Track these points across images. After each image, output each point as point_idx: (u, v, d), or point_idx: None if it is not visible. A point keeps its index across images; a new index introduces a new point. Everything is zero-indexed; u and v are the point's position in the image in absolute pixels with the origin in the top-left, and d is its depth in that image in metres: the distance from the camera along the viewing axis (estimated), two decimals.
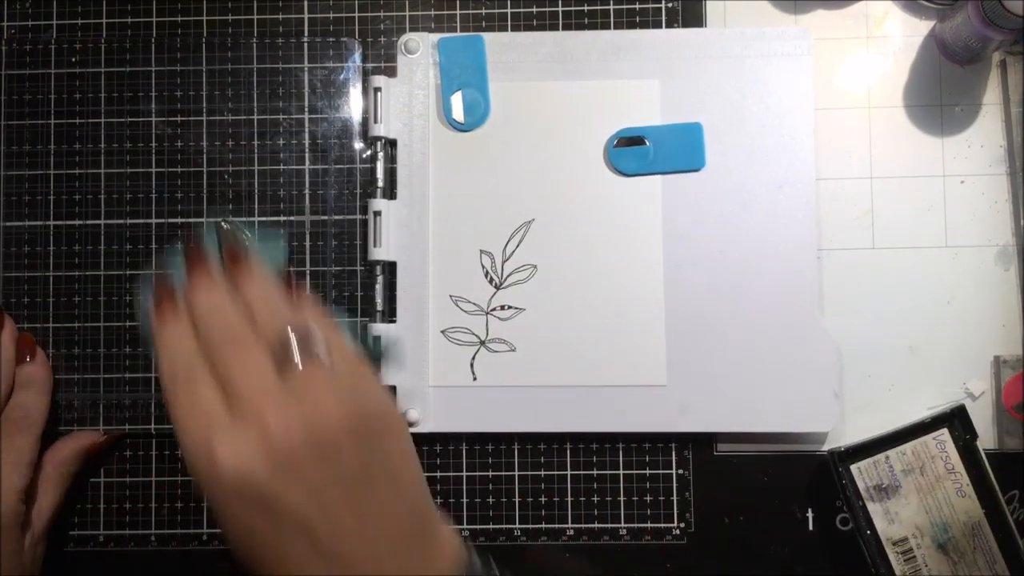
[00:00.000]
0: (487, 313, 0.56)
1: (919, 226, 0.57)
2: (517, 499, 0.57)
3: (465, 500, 0.57)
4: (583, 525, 0.56)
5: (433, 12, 0.59)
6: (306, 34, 0.58)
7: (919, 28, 0.58)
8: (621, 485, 0.56)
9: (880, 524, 0.53)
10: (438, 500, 0.57)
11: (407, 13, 0.59)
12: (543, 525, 0.56)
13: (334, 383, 0.42)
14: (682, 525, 0.56)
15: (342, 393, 0.42)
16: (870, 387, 0.56)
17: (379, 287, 0.56)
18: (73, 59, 0.58)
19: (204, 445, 0.40)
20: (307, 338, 0.43)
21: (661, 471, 0.56)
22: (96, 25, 0.59)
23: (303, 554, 0.39)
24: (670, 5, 0.58)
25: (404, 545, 0.41)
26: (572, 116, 0.56)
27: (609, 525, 0.56)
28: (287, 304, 0.44)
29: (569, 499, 0.57)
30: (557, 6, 0.58)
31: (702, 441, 0.56)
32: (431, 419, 0.56)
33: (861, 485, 0.53)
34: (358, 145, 0.58)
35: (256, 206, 0.58)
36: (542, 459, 0.57)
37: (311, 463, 0.40)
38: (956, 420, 0.53)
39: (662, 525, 0.56)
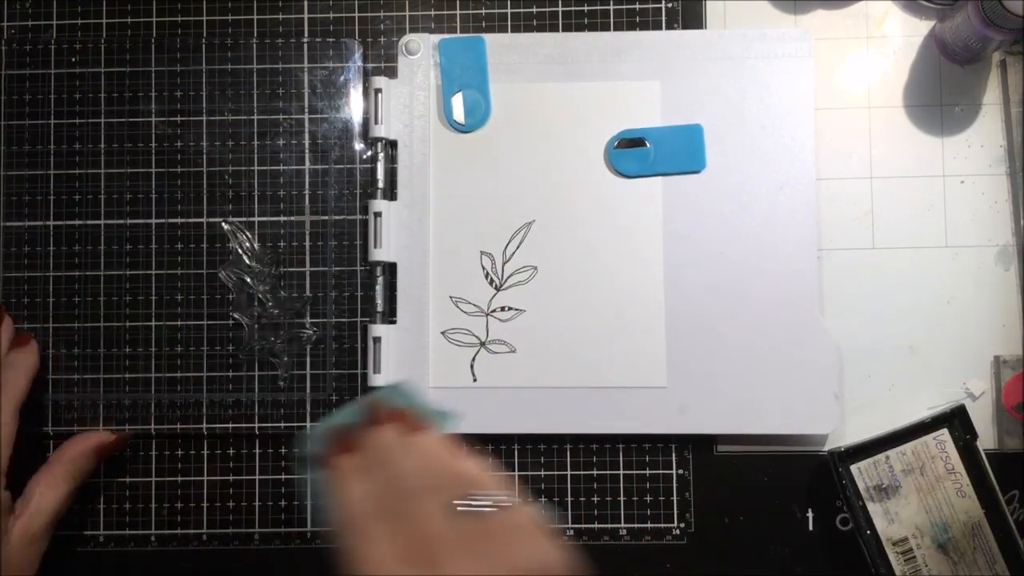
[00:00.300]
0: (487, 314, 0.56)
1: (919, 226, 0.57)
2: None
3: None
4: (583, 525, 0.56)
5: (433, 12, 0.59)
6: (306, 34, 0.58)
7: (919, 28, 0.58)
8: (621, 485, 0.56)
9: (880, 524, 0.53)
10: None
11: (407, 13, 0.59)
12: None
13: (513, 535, 0.41)
14: (682, 525, 0.56)
15: (522, 547, 0.41)
16: (870, 387, 0.56)
17: (379, 288, 0.56)
18: (73, 59, 0.58)
19: None
20: (479, 494, 0.42)
21: (661, 471, 0.56)
22: (96, 25, 0.59)
23: None
24: (670, 6, 0.58)
25: None
26: (573, 117, 0.56)
27: (609, 525, 0.56)
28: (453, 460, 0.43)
29: (569, 499, 0.57)
30: (557, 7, 0.58)
31: (702, 441, 0.56)
32: None
33: (861, 485, 0.53)
34: (358, 146, 0.58)
35: (256, 206, 0.58)
36: (542, 459, 0.57)
37: None
38: (956, 420, 0.53)
39: (662, 525, 0.56)
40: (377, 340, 0.56)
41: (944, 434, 0.53)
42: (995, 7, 0.50)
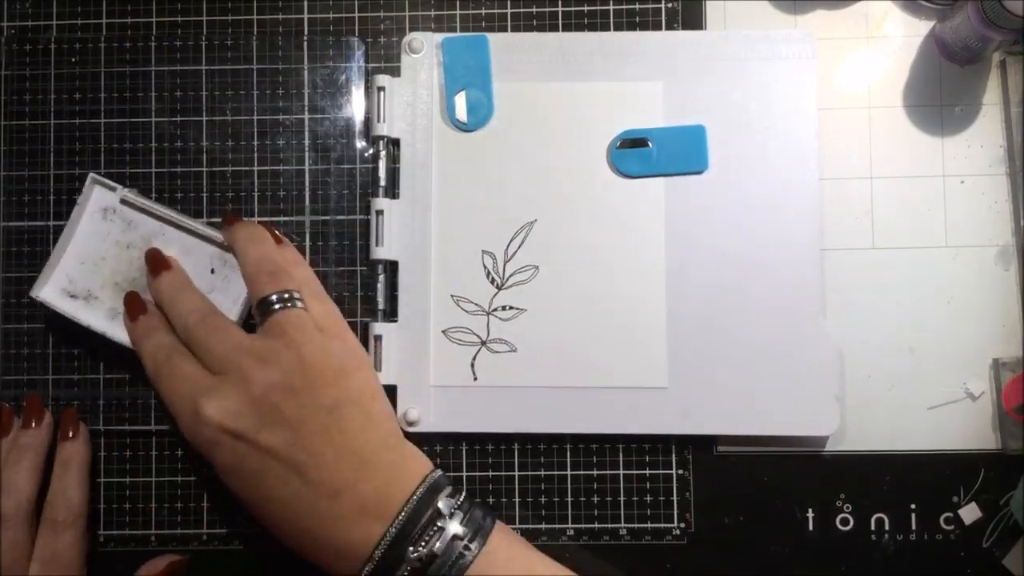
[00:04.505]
0: (488, 313, 0.56)
1: (919, 226, 0.57)
2: (517, 499, 0.57)
3: None
4: (583, 525, 0.56)
5: (433, 13, 0.59)
6: (306, 34, 0.58)
7: (919, 28, 0.58)
8: (621, 485, 0.56)
9: None
10: None
11: (407, 13, 0.59)
12: (543, 525, 0.56)
13: (308, 325, 0.49)
14: (682, 525, 0.56)
15: (315, 335, 0.49)
16: (870, 387, 0.56)
17: (380, 287, 0.56)
18: (73, 59, 0.58)
19: (191, 407, 0.47)
20: (283, 284, 0.50)
21: (661, 471, 0.56)
22: (96, 25, 0.59)
23: (291, 484, 0.46)
24: (670, 6, 0.58)
25: (378, 468, 0.47)
26: (575, 117, 0.57)
27: (609, 525, 0.56)
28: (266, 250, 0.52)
29: (569, 499, 0.57)
30: (557, 6, 0.58)
31: (702, 441, 0.56)
32: (431, 419, 0.55)
33: None
34: (360, 144, 0.58)
35: (256, 206, 0.58)
36: (542, 459, 0.57)
37: (288, 403, 0.46)
38: None
39: (662, 525, 0.56)
40: (378, 338, 0.56)
41: None
42: (995, 7, 0.50)
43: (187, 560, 0.56)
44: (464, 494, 0.48)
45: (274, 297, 0.49)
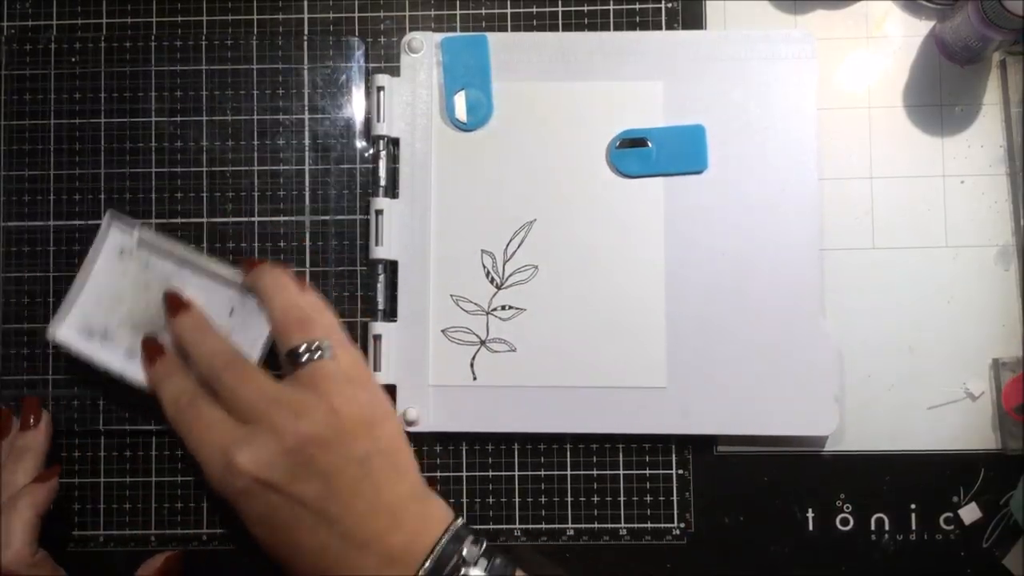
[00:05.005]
0: (488, 313, 0.56)
1: (919, 226, 0.57)
2: (517, 499, 0.57)
3: (465, 500, 0.57)
4: (583, 525, 0.56)
5: (433, 12, 0.59)
6: (306, 34, 0.58)
7: (919, 28, 0.58)
8: (621, 485, 0.56)
9: None
10: None
11: (407, 13, 0.59)
12: (543, 525, 0.56)
13: (338, 376, 0.49)
14: (682, 525, 0.56)
15: (345, 387, 0.48)
16: (870, 387, 0.56)
17: (380, 286, 0.56)
18: (73, 59, 0.58)
19: (222, 458, 0.47)
20: (311, 334, 0.49)
21: (661, 471, 0.56)
22: (96, 25, 0.59)
23: (320, 535, 0.46)
24: (670, 6, 0.58)
25: (405, 520, 0.47)
26: (575, 117, 0.57)
27: (609, 525, 0.56)
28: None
29: (569, 499, 0.57)
30: (557, 6, 0.58)
31: (702, 441, 0.56)
32: (431, 418, 0.56)
33: None
34: (360, 144, 0.58)
35: (256, 206, 0.58)
36: (542, 459, 0.57)
37: (322, 455, 0.46)
38: None
39: (662, 525, 0.56)
40: (377, 338, 0.56)
41: None
42: (995, 7, 0.50)
43: (182, 554, 0.56)
44: (486, 544, 0.48)
45: (303, 347, 0.49)
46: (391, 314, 0.57)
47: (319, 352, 0.49)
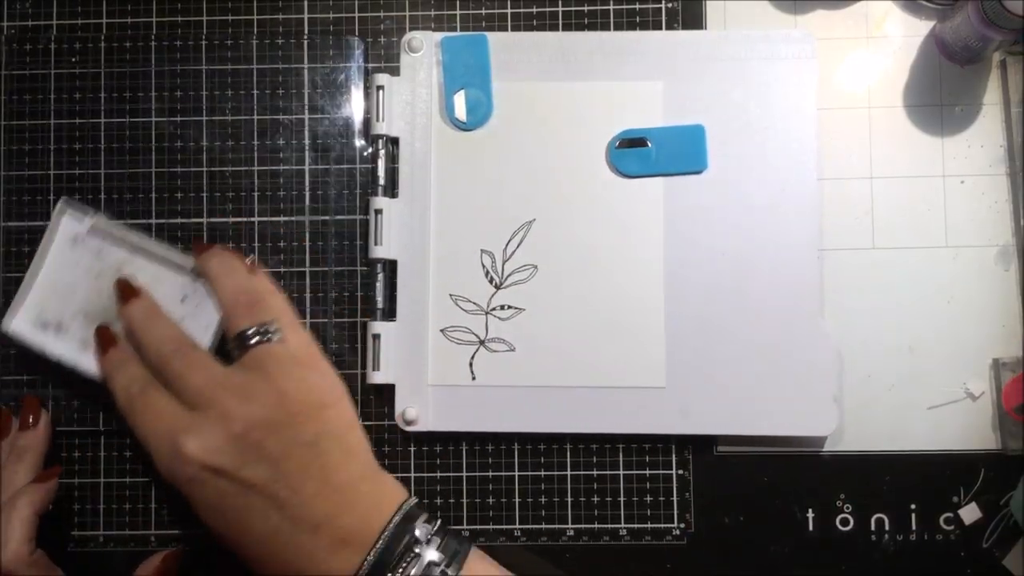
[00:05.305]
0: (487, 313, 0.56)
1: (919, 226, 0.57)
2: (517, 499, 0.57)
3: (465, 500, 0.57)
4: (583, 525, 0.56)
5: (433, 12, 0.59)
6: (306, 34, 0.58)
7: (919, 28, 0.58)
8: (621, 485, 0.56)
9: None
10: (437, 500, 0.57)
11: (407, 13, 0.59)
12: (543, 525, 0.56)
13: (286, 359, 0.48)
14: (682, 525, 0.56)
15: (293, 369, 0.48)
16: (870, 387, 0.56)
17: (379, 286, 0.56)
18: (73, 59, 0.58)
19: (170, 445, 0.47)
20: (260, 316, 0.49)
21: (661, 471, 0.56)
22: (96, 25, 0.59)
23: (271, 519, 0.46)
24: (670, 5, 0.58)
25: (357, 500, 0.47)
26: (574, 117, 0.56)
27: (609, 525, 0.56)
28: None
29: (569, 499, 0.57)
30: (557, 6, 0.58)
31: (702, 441, 0.56)
32: (430, 418, 0.56)
33: None
34: (359, 143, 0.58)
35: (256, 206, 0.58)
36: (542, 459, 0.57)
37: (270, 439, 0.46)
38: None
39: (662, 525, 0.56)
40: (376, 337, 0.56)
41: None
42: (995, 7, 0.50)
43: (180, 552, 0.55)
44: (440, 521, 0.48)
45: (252, 330, 0.49)
46: (390, 313, 0.57)
47: (268, 335, 0.49)
